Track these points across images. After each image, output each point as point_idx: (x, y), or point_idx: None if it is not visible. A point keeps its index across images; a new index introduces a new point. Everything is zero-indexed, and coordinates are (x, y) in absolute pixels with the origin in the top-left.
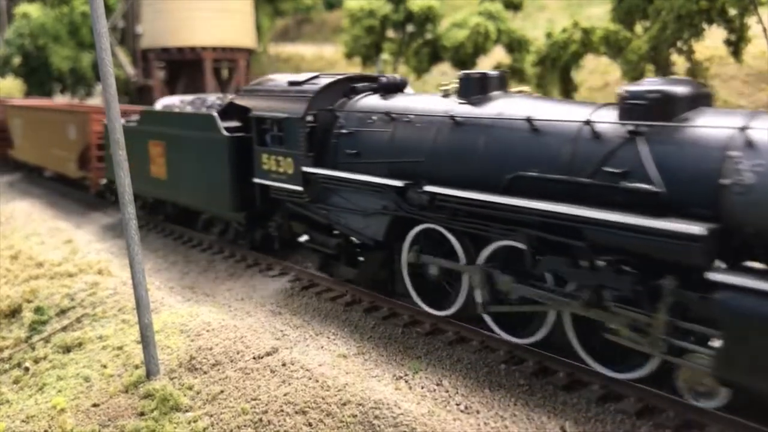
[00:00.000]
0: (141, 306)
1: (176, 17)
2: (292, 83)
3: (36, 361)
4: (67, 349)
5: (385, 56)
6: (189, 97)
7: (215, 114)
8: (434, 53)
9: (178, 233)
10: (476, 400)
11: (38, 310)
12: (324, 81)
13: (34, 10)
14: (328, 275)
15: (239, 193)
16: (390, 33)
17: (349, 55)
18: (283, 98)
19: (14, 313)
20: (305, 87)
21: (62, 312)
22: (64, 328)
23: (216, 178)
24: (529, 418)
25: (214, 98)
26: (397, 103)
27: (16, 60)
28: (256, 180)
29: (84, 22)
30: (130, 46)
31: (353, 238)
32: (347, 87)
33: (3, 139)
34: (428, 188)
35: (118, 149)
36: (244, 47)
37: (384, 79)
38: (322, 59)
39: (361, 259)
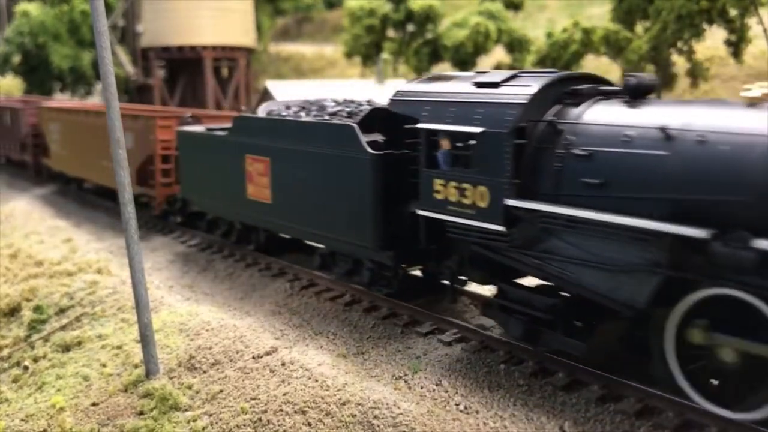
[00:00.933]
0: (140, 305)
1: (176, 16)
2: (481, 84)
3: (35, 360)
4: (67, 348)
5: (385, 55)
6: (298, 100)
7: (355, 125)
8: (434, 52)
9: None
10: (475, 400)
11: (37, 308)
12: (533, 82)
13: (34, 9)
14: (529, 345)
15: (387, 227)
16: (390, 32)
17: (349, 55)
18: (471, 105)
19: (13, 311)
20: (507, 90)
21: (61, 311)
22: (63, 327)
23: (352, 206)
24: (528, 418)
25: (332, 103)
26: (670, 114)
27: (16, 58)
28: (422, 212)
29: (84, 20)
30: (130, 44)
31: (573, 296)
32: (560, 90)
33: (36, 146)
34: (761, 243)
35: (119, 149)
36: (245, 46)
37: (631, 81)
38: (322, 58)
39: (580, 324)
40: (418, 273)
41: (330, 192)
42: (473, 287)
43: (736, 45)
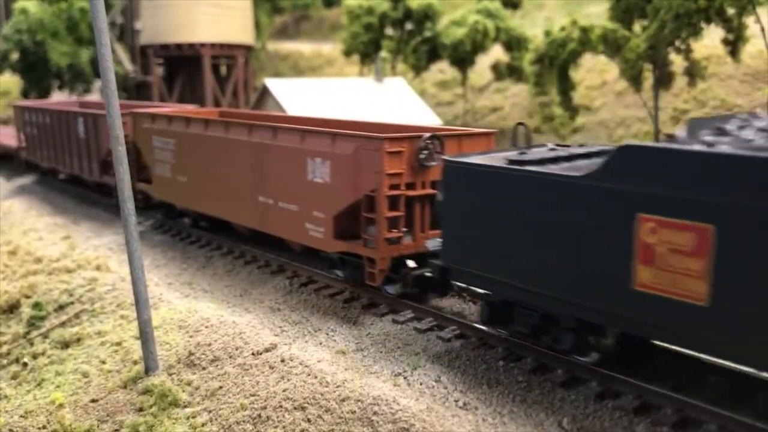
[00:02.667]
0: (140, 302)
1: (175, 14)
2: None
3: (34, 356)
4: (66, 345)
5: (383, 54)
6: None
7: None
8: (433, 51)
9: (177, 231)
10: (474, 396)
11: (36, 305)
12: None
13: (32, 6)
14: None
15: None
16: (389, 30)
17: (347, 53)
18: None
19: (12, 308)
20: None
21: (61, 307)
22: (62, 324)
23: None
24: (527, 414)
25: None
26: None
27: (14, 56)
28: None
29: (82, 17)
30: (128, 42)
31: None
32: None
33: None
34: None
35: (118, 145)
36: (243, 44)
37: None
38: (320, 56)
39: None
40: None
41: None
42: None
43: (734, 44)
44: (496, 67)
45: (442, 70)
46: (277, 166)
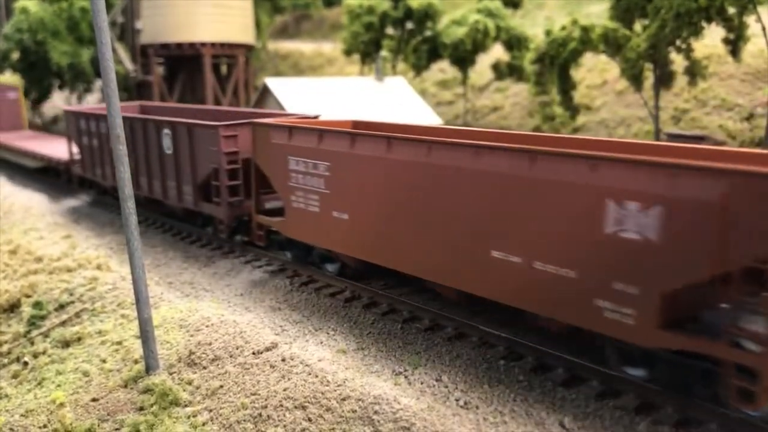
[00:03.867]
0: (140, 301)
1: (176, 13)
2: None
3: (35, 355)
4: (66, 344)
5: (384, 53)
6: None
7: None
8: (433, 50)
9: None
10: (475, 395)
11: (37, 304)
12: None
13: (33, 5)
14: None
15: None
16: (389, 30)
17: (348, 52)
18: None
19: (13, 307)
20: None
21: (61, 307)
22: (63, 323)
23: None
24: (528, 413)
25: None
26: None
27: (15, 55)
28: None
29: (83, 17)
30: (129, 41)
31: None
32: None
33: (236, 192)
34: None
35: (119, 144)
36: (244, 43)
37: None
38: (321, 56)
39: None
40: None
41: None
42: None
43: (735, 43)
44: (496, 67)
45: (443, 69)
46: (535, 207)
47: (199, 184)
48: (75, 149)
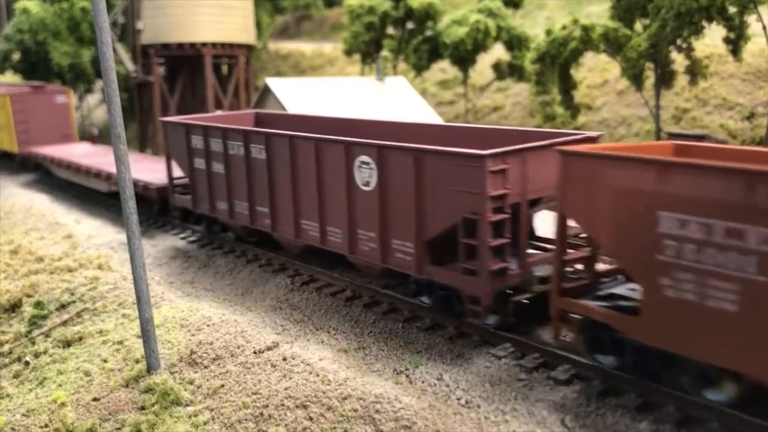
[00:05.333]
0: (141, 300)
1: (176, 13)
2: None
3: (36, 355)
4: (68, 344)
5: (384, 53)
6: None
7: None
8: (434, 50)
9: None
10: (477, 394)
11: (38, 304)
12: None
13: (33, 6)
14: None
15: None
16: (390, 30)
17: (348, 52)
18: None
19: (14, 307)
20: None
21: (62, 306)
22: (64, 323)
23: None
24: (530, 412)
25: None
26: None
27: (16, 56)
28: None
29: (84, 17)
30: (130, 42)
31: None
32: None
33: (498, 256)
34: None
35: (119, 144)
36: (244, 44)
37: None
38: (321, 56)
39: None
40: None
41: None
42: None
43: (735, 43)
44: (497, 67)
45: (444, 69)
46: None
47: (429, 240)
48: (175, 172)
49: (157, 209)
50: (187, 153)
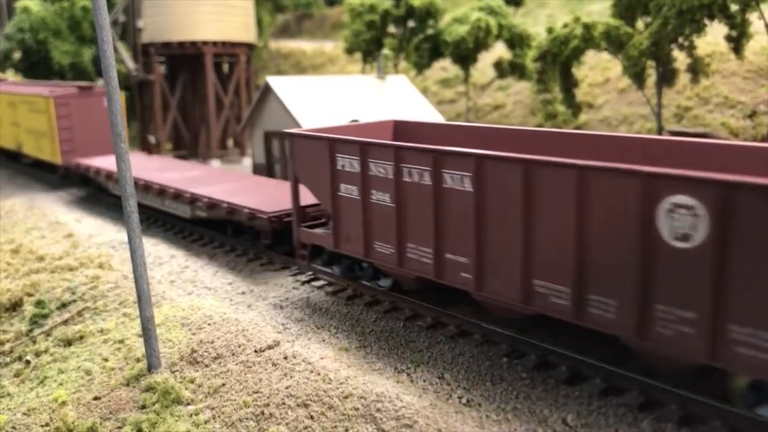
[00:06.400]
0: (142, 299)
1: (177, 12)
2: None
3: (37, 354)
4: (69, 343)
5: (385, 51)
6: None
7: None
8: (435, 49)
9: (179, 228)
10: (478, 393)
11: (39, 303)
12: None
13: (34, 5)
14: None
15: None
16: (391, 28)
17: (349, 51)
18: None
19: (15, 306)
20: None
21: (63, 305)
22: (65, 322)
23: None
24: (531, 411)
25: None
26: None
27: (17, 55)
28: None
29: (85, 16)
30: (130, 40)
31: None
32: None
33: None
34: None
35: (120, 143)
36: (245, 42)
37: None
38: (322, 54)
39: None
40: None
41: None
42: None
43: (737, 41)
44: (498, 65)
45: (445, 67)
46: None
47: None
48: (303, 197)
49: (266, 243)
50: (329, 176)
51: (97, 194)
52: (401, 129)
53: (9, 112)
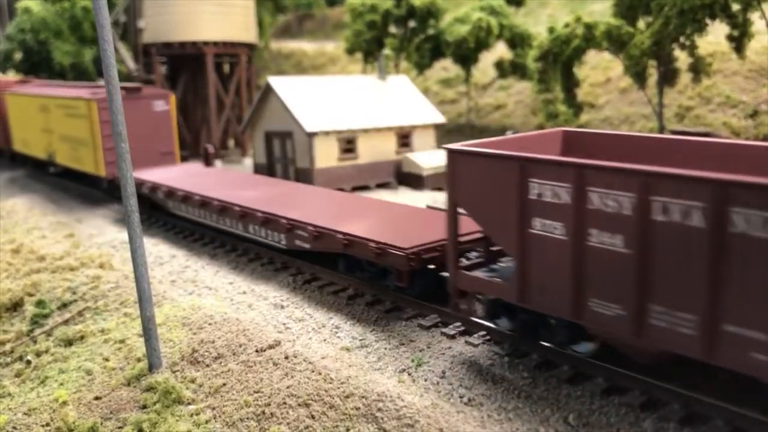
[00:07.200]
0: (143, 299)
1: (178, 12)
2: None
3: (38, 354)
4: (69, 343)
5: (386, 52)
6: None
7: None
8: (436, 48)
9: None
10: (479, 392)
11: (40, 303)
12: None
13: (35, 5)
14: None
15: None
16: (392, 28)
17: (350, 51)
18: None
19: (16, 306)
20: None
21: (64, 305)
22: (65, 322)
23: None
24: (533, 410)
25: None
26: None
27: (18, 55)
28: None
29: (85, 17)
30: (131, 41)
31: None
32: None
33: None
34: None
35: (121, 142)
36: (246, 42)
37: None
38: (323, 55)
39: None
40: None
41: None
42: None
43: (739, 40)
44: (499, 65)
45: (446, 67)
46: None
47: None
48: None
49: (399, 285)
50: (516, 207)
51: (152, 213)
52: (572, 140)
53: (39, 117)
